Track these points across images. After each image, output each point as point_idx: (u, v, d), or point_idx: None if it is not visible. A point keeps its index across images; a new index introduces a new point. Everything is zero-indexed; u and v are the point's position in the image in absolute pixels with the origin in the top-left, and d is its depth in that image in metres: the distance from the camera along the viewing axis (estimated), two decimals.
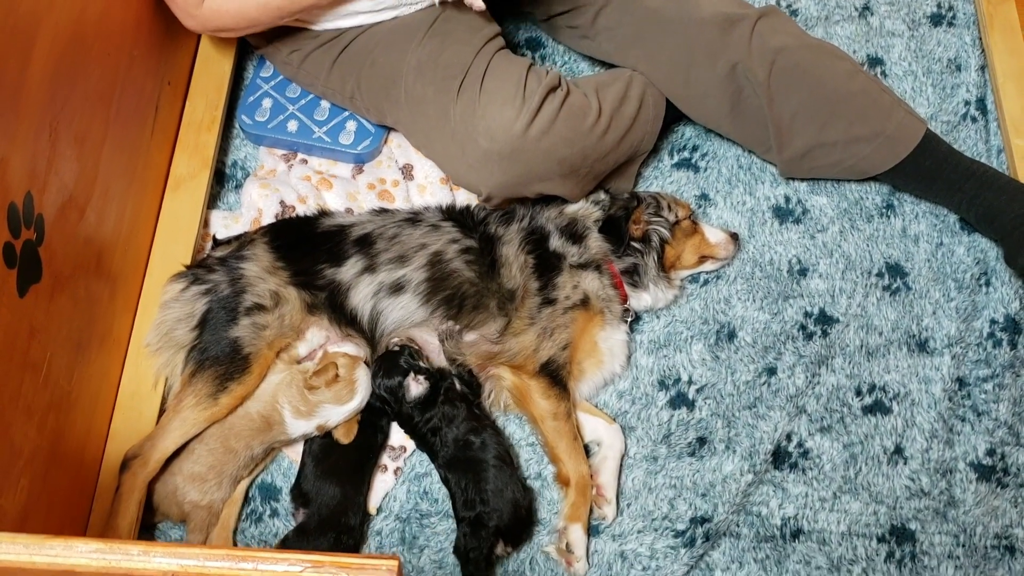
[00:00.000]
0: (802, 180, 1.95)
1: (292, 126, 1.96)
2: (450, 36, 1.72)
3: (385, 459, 1.70)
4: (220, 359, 1.58)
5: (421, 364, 1.64)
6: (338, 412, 1.60)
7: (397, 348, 1.66)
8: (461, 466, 1.60)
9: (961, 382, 1.77)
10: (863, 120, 1.80)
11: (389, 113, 1.84)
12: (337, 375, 1.59)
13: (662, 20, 1.79)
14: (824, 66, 1.80)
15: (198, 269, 1.70)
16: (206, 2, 1.65)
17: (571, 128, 1.69)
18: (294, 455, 1.68)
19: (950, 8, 2.17)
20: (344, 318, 1.66)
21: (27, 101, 1.33)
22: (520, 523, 1.59)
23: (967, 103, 2.04)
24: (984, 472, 1.69)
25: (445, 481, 1.63)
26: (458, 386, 1.65)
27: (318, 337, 1.68)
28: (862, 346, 1.80)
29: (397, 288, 1.65)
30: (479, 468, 1.59)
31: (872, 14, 2.18)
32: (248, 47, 2.06)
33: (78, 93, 1.48)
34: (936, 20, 2.16)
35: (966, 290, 1.85)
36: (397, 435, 1.71)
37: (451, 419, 1.62)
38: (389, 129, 1.98)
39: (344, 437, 1.62)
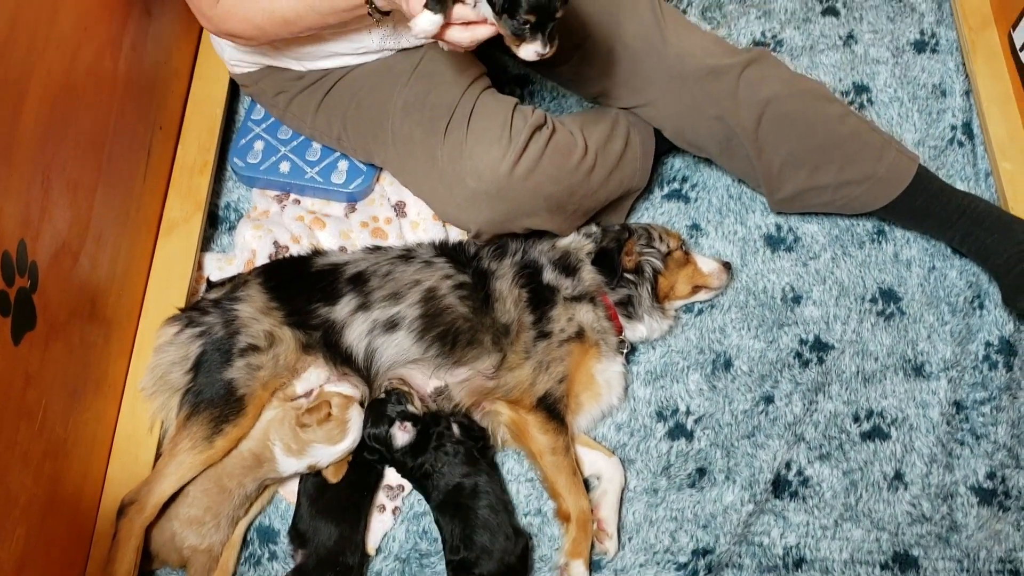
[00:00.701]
0: None
1: (284, 167, 1.97)
2: (436, 77, 1.73)
3: (383, 498, 1.69)
4: (215, 401, 1.58)
5: (409, 409, 1.63)
6: (329, 452, 1.59)
7: (384, 395, 1.65)
8: (451, 510, 1.60)
9: (958, 405, 1.77)
10: (854, 163, 1.81)
11: (376, 154, 1.85)
12: (329, 414, 1.58)
13: (646, 70, 1.80)
14: (813, 112, 1.80)
15: (192, 312, 1.70)
16: (220, 4, 1.64)
17: (557, 166, 1.70)
18: (290, 496, 1.67)
19: (933, 35, 2.20)
20: (339, 356, 1.66)
21: (19, 150, 1.33)
22: (508, 571, 1.57)
23: (953, 128, 2.06)
24: (985, 496, 1.68)
25: (437, 523, 1.63)
26: (456, 432, 1.64)
27: (316, 376, 1.68)
28: (858, 372, 1.80)
29: (391, 325, 1.65)
30: (468, 514, 1.58)
31: (856, 42, 2.20)
32: (239, 90, 2.07)
33: (70, 140, 1.49)
34: (919, 47, 2.19)
35: (960, 313, 1.85)
36: (395, 473, 1.70)
37: (442, 464, 1.61)
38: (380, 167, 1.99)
39: (332, 476, 1.61)
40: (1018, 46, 2.01)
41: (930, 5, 2.24)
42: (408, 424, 1.62)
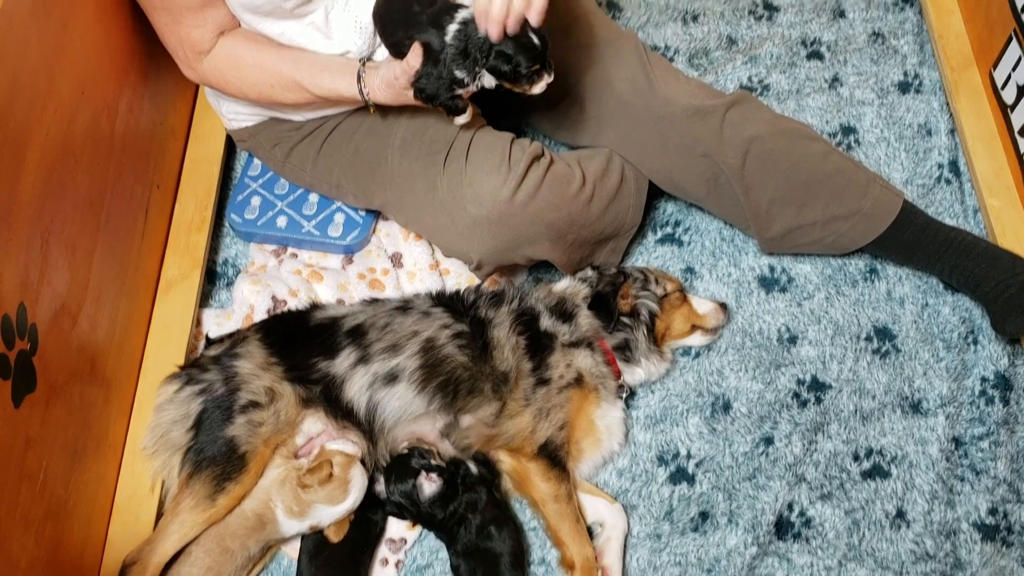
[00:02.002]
0: None
1: (281, 222, 1.99)
2: (432, 115, 1.76)
3: (385, 551, 1.68)
4: (217, 459, 1.57)
5: (432, 462, 1.62)
6: (331, 512, 1.59)
7: (406, 451, 1.65)
8: (477, 556, 1.59)
9: (957, 441, 1.77)
10: (840, 200, 1.84)
11: (376, 195, 1.86)
12: (331, 474, 1.58)
13: (633, 113, 1.83)
14: (797, 150, 1.83)
15: (192, 369, 1.70)
16: (206, 62, 1.68)
17: (556, 194, 1.72)
18: (293, 553, 1.66)
19: (916, 76, 2.24)
20: (340, 411, 1.66)
21: (18, 214, 1.35)
22: None
23: (940, 166, 2.09)
24: (988, 532, 1.68)
25: (455, 569, 1.62)
26: (474, 469, 1.64)
27: (315, 431, 1.68)
28: (856, 411, 1.81)
29: (391, 378, 1.66)
30: (494, 562, 1.58)
31: (842, 85, 2.24)
32: (235, 147, 2.10)
33: (68, 202, 1.50)
34: (904, 88, 2.22)
35: (954, 349, 1.87)
36: (398, 526, 1.70)
37: (475, 505, 1.61)
38: (377, 217, 2.01)
39: (334, 536, 1.60)
40: (999, 85, 2.04)
41: (912, 47, 2.29)
42: (434, 475, 1.61)
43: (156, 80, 1.86)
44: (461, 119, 1.60)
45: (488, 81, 1.55)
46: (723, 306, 1.87)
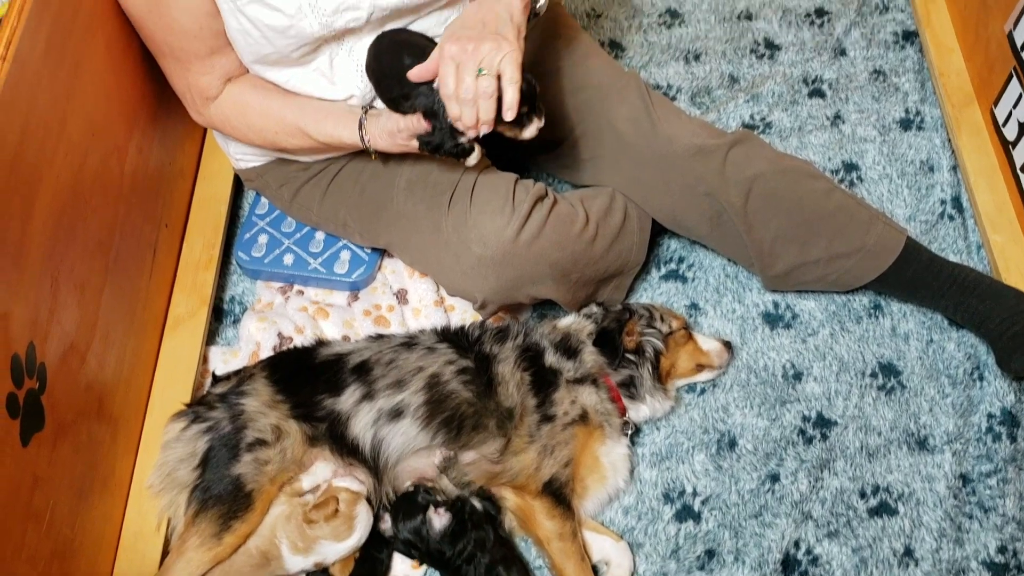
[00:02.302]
0: None
1: (288, 259, 2.00)
2: (436, 158, 1.78)
3: None
4: (223, 497, 1.57)
5: (438, 498, 1.62)
6: (335, 549, 1.59)
7: (412, 488, 1.65)
8: None
9: (965, 479, 1.76)
10: (843, 237, 1.85)
11: (382, 234, 1.88)
12: (337, 510, 1.58)
13: (636, 152, 1.84)
14: (800, 188, 1.84)
15: (198, 407, 1.71)
16: (213, 107, 1.71)
17: (560, 233, 1.73)
18: None
19: (917, 113, 2.25)
20: (346, 448, 1.66)
21: (29, 255, 1.37)
22: None
23: (943, 202, 2.10)
24: (997, 570, 1.67)
25: None
26: (478, 505, 1.64)
27: (323, 469, 1.68)
28: (862, 447, 1.80)
29: (396, 414, 1.66)
30: None
31: (844, 122, 2.26)
32: (242, 186, 2.12)
33: (78, 243, 1.52)
34: (905, 125, 2.24)
35: (960, 385, 1.86)
36: (403, 565, 1.70)
37: (483, 544, 1.60)
38: (382, 255, 2.03)
39: (339, 573, 1.60)
40: (1000, 122, 2.06)
41: (913, 84, 2.31)
42: (442, 509, 1.61)
43: (165, 121, 1.89)
44: (471, 160, 1.61)
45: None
46: (728, 344, 1.88)
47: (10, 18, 1.37)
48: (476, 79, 1.44)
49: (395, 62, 1.56)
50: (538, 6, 1.61)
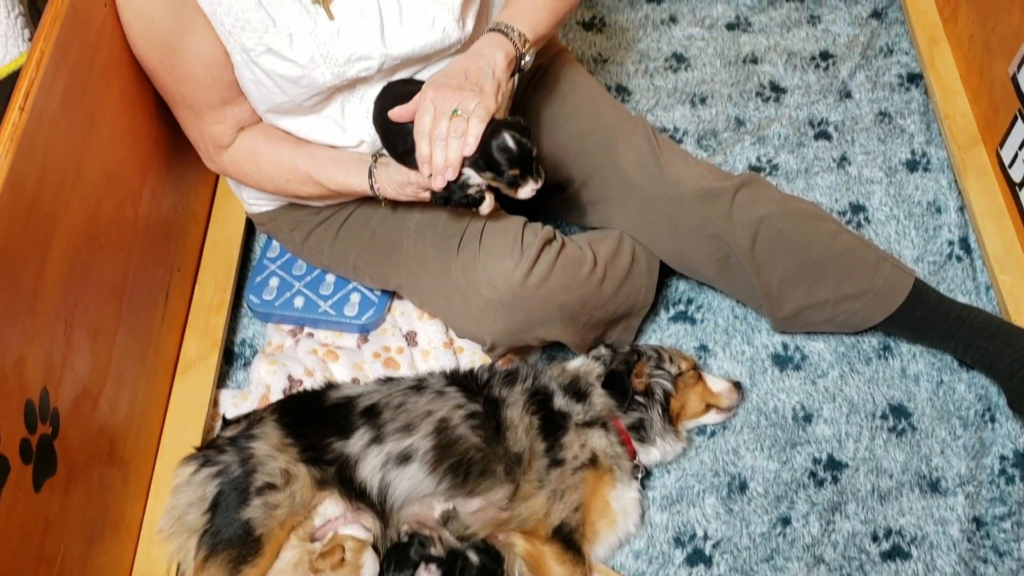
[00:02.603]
0: None
1: (298, 302, 2.02)
2: None
3: None
4: (233, 542, 1.57)
5: (432, 552, 1.62)
6: None
7: (406, 539, 1.64)
8: None
9: (978, 522, 1.75)
10: (851, 278, 1.85)
11: (392, 277, 1.90)
12: (343, 559, 1.57)
13: (643, 195, 1.86)
14: (807, 230, 1.85)
15: (208, 450, 1.71)
16: (226, 155, 1.74)
17: (568, 276, 1.74)
18: None
19: (924, 154, 2.27)
20: (354, 492, 1.66)
21: (44, 301, 1.38)
22: None
23: (951, 243, 2.10)
24: None
25: None
26: (475, 559, 1.63)
27: (331, 513, 1.68)
28: (874, 490, 1.79)
29: (404, 458, 1.66)
30: None
31: (850, 164, 2.27)
32: (254, 228, 2.14)
33: (92, 288, 1.54)
34: (912, 166, 2.26)
35: (972, 427, 1.86)
36: None
37: None
38: (392, 296, 2.04)
39: None
40: (1007, 163, 2.07)
41: (919, 126, 2.33)
42: (433, 566, 1.60)
43: (179, 167, 1.91)
44: (484, 209, 1.62)
45: (475, 179, 1.57)
46: (737, 385, 1.87)
47: (28, 69, 1.40)
48: (450, 119, 1.49)
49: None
50: (523, 63, 1.65)
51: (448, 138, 1.50)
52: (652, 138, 1.90)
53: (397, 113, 1.57)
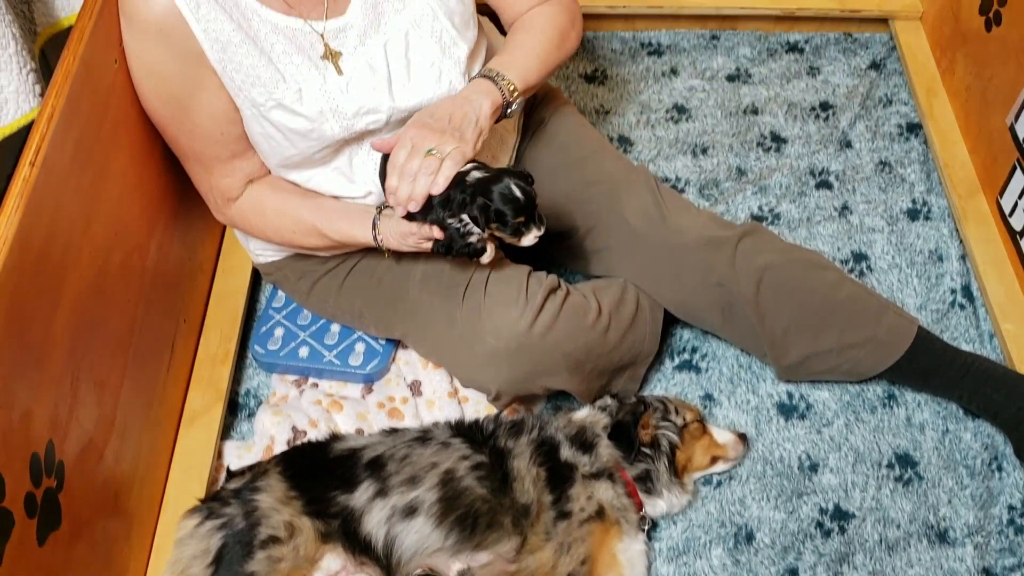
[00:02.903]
0: None
1: (303, 352, 2.02)
2: None
3: None
4: None
5: None
6: None
7: None
8: None
9: (987, 573, 1.74)
10: (854, 327, 1.86)
11: (397, 326, 1.91)
12: None
13: (647, 244, 1.88)
14: (810, 278, 1.86)
15: (212, 503, 1.70)
16: (234, 207, 1.76)
17: (573, 324, 1.75)
18: None
19: (924, 203, 2.29)
20: (358, 546, 1.64)
21: (51, 355, 1.39)
22: None
23: (953, 291, 2.11)
24: None
25: None
26: None
27: (333, 566, 1.66)
28: (881, 540, 1.78)
29: (410, 511, 1.65)
30: None
31: (852, 213, 2.29)
32: (259, 280, 2.15)
33: (98, 341, 1.54)
34: (913, 215, 2.27)
35: (979, 476, 1.85)
36: None
37: None
38: (396, 345, 2.04)
39: None
40: (1007, 212, 2.08)
41: (919, 176, 2.35)
42: None
43: (186, 219, 1.93)
44: (485, 259, 1.64)
45: (476, 230, 1.59)
46: (743, 436, 1.87)
47: (40, 124, 1.41)
48: (424, 157, 1.53)
49: None
50: (508, 112, 1.68)
51: (418, 174, 1.53)
52: (655, 188, 1.92)
53: (379, 144, 1.61)
